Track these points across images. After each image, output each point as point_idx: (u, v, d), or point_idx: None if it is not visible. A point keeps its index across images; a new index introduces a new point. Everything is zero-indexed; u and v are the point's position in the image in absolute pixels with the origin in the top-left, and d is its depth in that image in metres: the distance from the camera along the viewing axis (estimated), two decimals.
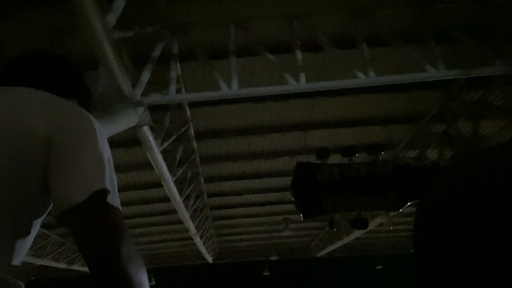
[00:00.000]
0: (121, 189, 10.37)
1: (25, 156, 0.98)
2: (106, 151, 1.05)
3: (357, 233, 14.33)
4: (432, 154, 8.62)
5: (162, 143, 6.47)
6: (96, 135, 1.05)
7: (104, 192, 0.97)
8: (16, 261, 0.98)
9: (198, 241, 13.23)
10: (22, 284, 0.94)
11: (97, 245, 0.94)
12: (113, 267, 0.92)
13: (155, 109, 5.61)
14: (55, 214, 0.97)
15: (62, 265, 15.18)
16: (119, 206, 1.01)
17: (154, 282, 19.02)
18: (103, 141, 1.06)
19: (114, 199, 1.00)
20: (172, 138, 6.88)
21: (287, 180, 10.78)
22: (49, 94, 1.10)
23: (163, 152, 6.69)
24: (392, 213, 8.82)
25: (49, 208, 1.05)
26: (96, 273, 0.94)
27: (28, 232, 1.01)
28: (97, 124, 1.08)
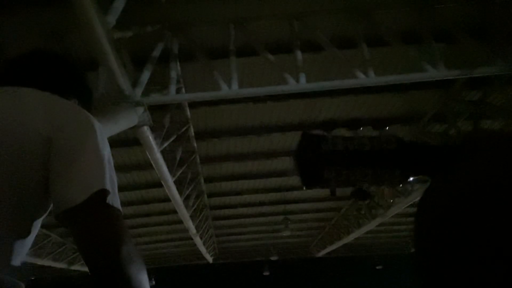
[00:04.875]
0: (121, 189, 10.31)
1: (25, 156, 0.98)
2: (106, 151, 1.05)
3: (357, 233, 14.33)
4: None
5: (162, 143, 6.48)
6: (96, 135, 1.04)
7: (104, 193, 0.97)
8: (17, 261, 0.98)
9: (198, 241, 13.23)
10: (22, 284, 0.94)
11: (96, 246, 0.94)
12: (113, 267, 0.92)
13: (155, 109, 5.60)
14: (55, 214, 0.97)
15: (62, 265, 15.18)
16: (119, 207, 1.01)
17: (154, 282, 19.01)
18: (103, 141, 1.06)
19: (114, 199, 1.00)
20: (172, 138, 6.88)
21: (287, 180, 10.80)
22: (49, 94, 1.10)
23: (163, 152, 6.69)
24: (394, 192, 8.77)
25: (49, 208, 1.05)
26: (96, 274, 0.93)
27: (28, 232, 1.01)
28: (97, 125, 1.07)
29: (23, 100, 1.05)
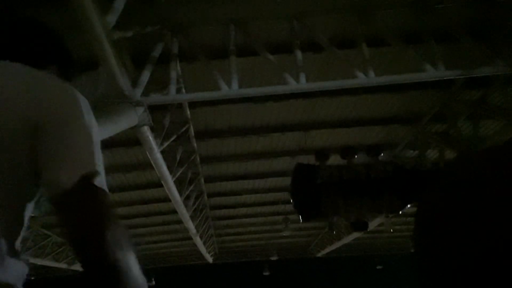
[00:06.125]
0: (121, 189, 10.40)
1: (12, 141, 0.95)
2: (94, 129, 1.01)
3: (357, 233, 14.34)
4: (432, 154, 8.62)
5: (162, 143, 6.47)
6: (83, 115, 1.00)
7: (93, 175, 0.95)
8: (9, 251, 0.94)
9: (198, 241, 13.23)
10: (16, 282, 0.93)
11: (82, 231, 0.92)
12: (98, 252, 0.90)
13: (155, 109, 5.60)
14: (48, 198, 0.95)
15: (62, 265, 15.17)
16: (106, 188, 0.98)
17: (154, 282, 19.00)
18: (89, 119, 1.01)
19: (102, 180, 0.97)
20: (172, 138, 6.88)
21: (287, 180, 10.73)
22: (31, 71, 1.03)
23: (163, 152, 6.69)
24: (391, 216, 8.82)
25: (40, 195, 1.03)
26: (82, 260, 0.92)
27: (18, 220, 0.99)
28: (83, 102, 1.03)
29: (5, 82, 0.99)
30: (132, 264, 0.93)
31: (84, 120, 0.99)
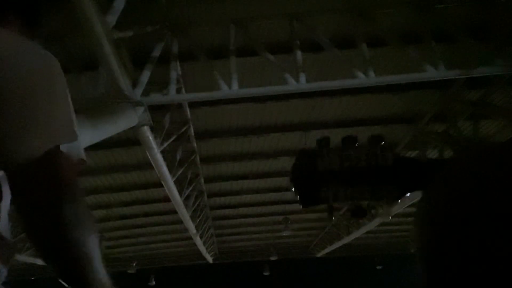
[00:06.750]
0: (121, 189, 10.39)
1: None
2: (66, 93, 0.89)
3: (357, 233, 14.34)
4: (432, 154, 8.61)
5: (162, 143, 6.48)
6: (54, 77, 0.88)
7: (67, 143, 0.85)
8: None
9: (198, 241, 13.23)
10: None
11: (37, 205, 0.81)
12: (52, 235, 0.81)
13: (155, 109, 5.60)
14: (9, 171, 0.83)
15: None
16: (83, 155, 0.87)
17: (154, 282, 19.02)
18: (61, 82, 0.89)
19: (78, 148, 0.87)
20: (172, 138, 6.88)
21: (287, 180, 10.75)
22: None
23: (163, 152, 6.69)
24: (391, 206, 8.80)
25: None
26: (34, 242, 0.82)
27: None
28: (52, 61, 0.89)
29: None
30: (92, 247, 0.81)
31: (56, 83, 0.87)
